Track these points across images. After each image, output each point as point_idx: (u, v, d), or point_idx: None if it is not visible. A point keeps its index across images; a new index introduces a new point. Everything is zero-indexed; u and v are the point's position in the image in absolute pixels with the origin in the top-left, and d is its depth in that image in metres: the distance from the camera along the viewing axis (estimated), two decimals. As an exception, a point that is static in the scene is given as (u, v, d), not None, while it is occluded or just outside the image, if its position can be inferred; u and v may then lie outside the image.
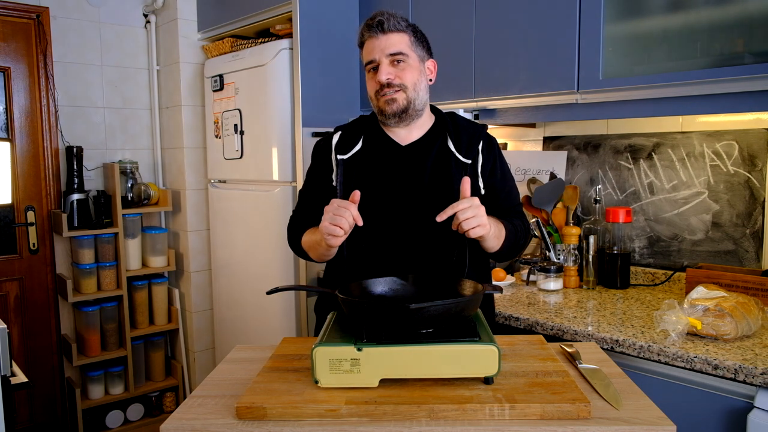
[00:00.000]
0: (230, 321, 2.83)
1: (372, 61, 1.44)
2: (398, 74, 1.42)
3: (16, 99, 2.77)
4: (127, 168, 2.98)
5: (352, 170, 1.45)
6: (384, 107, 1.43)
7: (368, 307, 1.05)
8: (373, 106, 1.48)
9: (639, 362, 1.47)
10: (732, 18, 1.55)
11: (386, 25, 1.41)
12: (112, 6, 3.02)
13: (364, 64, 1.47)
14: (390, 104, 1.42)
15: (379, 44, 1.42)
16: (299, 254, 1.56)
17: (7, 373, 1.39)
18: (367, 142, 1.49)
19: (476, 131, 1.51)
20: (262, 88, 2.47)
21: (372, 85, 1.46)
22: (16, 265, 2.81)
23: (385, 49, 1.41)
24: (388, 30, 1.41)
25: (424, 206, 1.41)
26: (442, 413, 0.92)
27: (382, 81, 1.41)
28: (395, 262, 1.42)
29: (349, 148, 1.48)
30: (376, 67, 1.43)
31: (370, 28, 1.43)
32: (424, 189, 1.43)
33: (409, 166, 1.46)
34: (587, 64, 1.77)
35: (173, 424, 0.95)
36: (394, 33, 1.42)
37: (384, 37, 1.42)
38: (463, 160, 1.46)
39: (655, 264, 2.09)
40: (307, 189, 1.58)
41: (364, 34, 1.45)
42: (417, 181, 1.44)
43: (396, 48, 1.42)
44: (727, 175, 1.90)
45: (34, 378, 2.83)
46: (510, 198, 1.54)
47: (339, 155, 1.47)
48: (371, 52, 1.43)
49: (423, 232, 1.43)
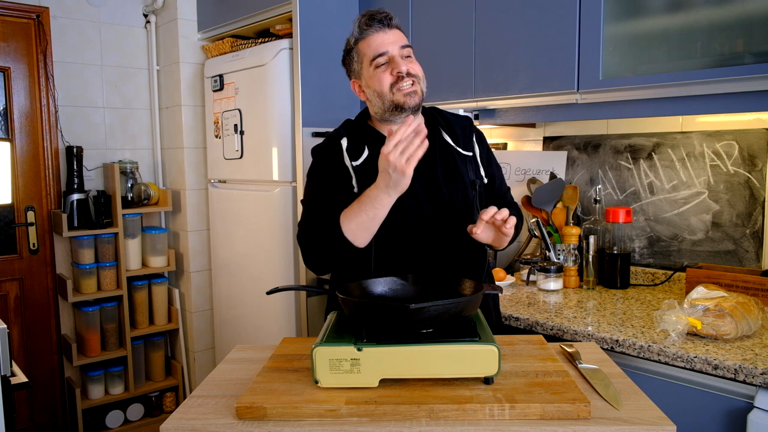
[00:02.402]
0: (230, 321, 2.83)
1: (382, 55, 1.39)
2: (411, 66, 1.41)
3: (16, 99, 2.77)
4: (127, 168, 2.98)
5: (366, 177, 1.40)
6: (405, 100, 1.39)
7: (368, 307, 1.05)
8: (384, 102, 1.41)
9: (639, 362, 1.47)
10: (732, 18, 1.54)
11: (393, 20, 1.41)
12: (112, 6, 3.02)
13: (371, 59, 1.40)
14: (412, 96, 1.39)
15: (388, 38, 1.40)
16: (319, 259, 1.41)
17: (7, 373, 1.39)
18: (371, 147, 1.45)
19: (466, 123, 1.54)
20: (262, 88, 2.47)
21: (386, 78, 1.39)
22: (16, 265, 2.81)
23: (396, 41, 1.40)
24: (393, 25, 1.41)
25: (436, 203, 1.42)
26: (442, 413, 0.92)
27: (403, 71, 1.38)
28: (421, 263, 1.40)
29: (359, 153, 1.44)
30: (386, 61, 1.39)
31: (379, 22, 1.39)
32: (439, 188, 1.43)
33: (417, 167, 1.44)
34: (587, 64, 1.77)
35: (173, 424, 0.95)
36: (396, 29, 1.42)
37: (391, 32, 1.41)
38: (464, 152, 1.48)
39: (655, 264, 2.09)
40: (318, 195, 1.44)
41: (365, 28, 1.40)
42: (430, 182, 1.44)
43: (404, 41, 1.42)
44: (727, 175, 1.90)
45: (34, 378, 2.83)
46: (502, 184, 1.60)
47: (354, 162, 1.42)
48: (381, 45, 1.39)
49: (437, 228, 1.43)
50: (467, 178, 1.46)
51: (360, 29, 1.41)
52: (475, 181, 1.47)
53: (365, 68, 1.43)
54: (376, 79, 1.40)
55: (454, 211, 1.43)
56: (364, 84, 1.45)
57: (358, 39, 1.42)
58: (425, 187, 1.43)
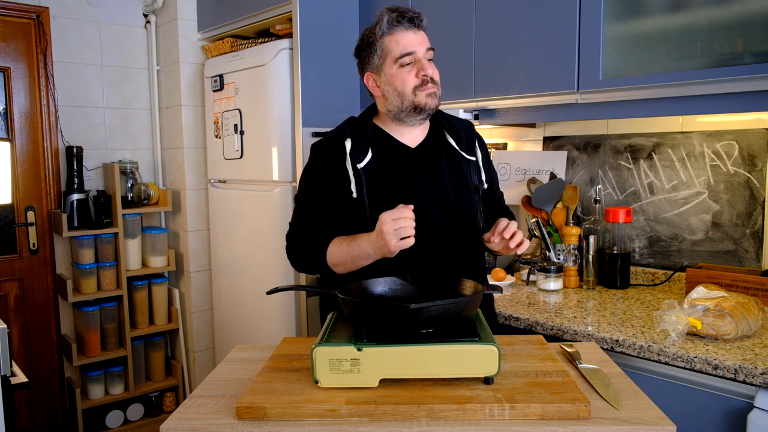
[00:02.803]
0: (230, 321, 2.83)
1: (410, 54, 1.37)
2: (434, 71, 1.41)
3: (16, 99, 2.77)
4: (127, 168, 2.98)
5: (370, 178, 1.40)
6: (427, 102, 1.39)
7: (368, 307, 1.05)
8: (404, 102, 1.40)
9: (639, 362, 1.47)
10: (732, 18, 1.54)
11: (423, 22, 1.40)
12: (112, 6, 3.02)
13: (396, 57, 1.38)
14: (433, 98, 1.40)
15: (416, 38, 1.38)
16: (304, 269, 1.48)
17: (7, 373, 1.39)
18: (376, 147, 1.44)
19: (468, 127, 1.54)
20: (262, 88, 2.47)
21: (411, 79, 1.38)
22: (16, 265, 2.81)
23: (423, 43, 1.39)
24: (422, 27, 1.40)
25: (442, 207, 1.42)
26: (442, 413, 0.92)
27: (429, 74, 1.38)
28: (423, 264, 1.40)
29: (362, 155, 1.41)
30: (412, 61, 1.38)
31: (409, 20, 1.37)
32: (445, 191, 1.43)
33: (425, 169, 1.44)
34: (587, 64, 1.77)
35: (173, 424, 0.95)
36: (423, 31, 1.41)
37: (420, 33, 1.40)
38: (468, 157, 1.49)
39: (655, 264, 2.09)
40: (311, 200, 1.45)
41: (394, 24, 1.37)
42: (437, 185, 1.43)
43: (429, 44, 1.41)
44: (727, 175, 1.90)
45: (34, 378, 2.83)
46: (498, 188, 1.61)
47: (358, 164, 1.40)
48: (410, 44, 1.37)
49: (443, 230, 1.43)
50: (471, 182, 1.47)
51: (389, 24, 1.37)
52: (478, 187, 1.48)
53: (388, 65, 1.40)
54: (400, 78, 1.38)
55: (458, 215, 1.44)
56: (383, 80, 1.41)
57: (385, 33, 1.38)
58: (432, 189, 1.43)
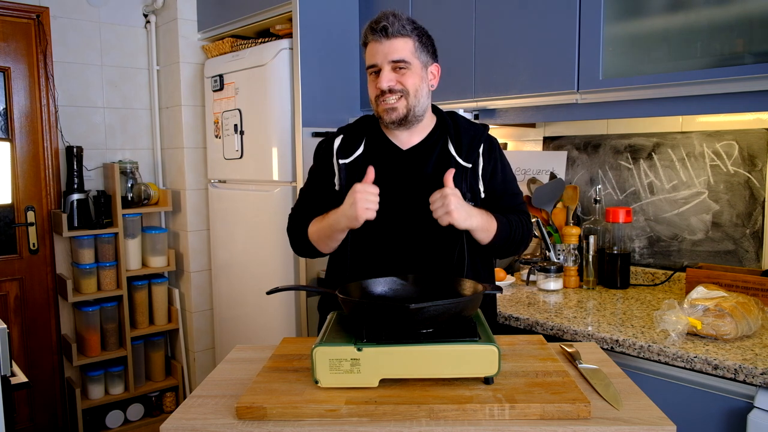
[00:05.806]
0: (230, 321, 2.83)
1: (374, 65, 1.42)
2: (400, 80, 1.40)
3: (16, 99, 2.77)
4: (127, 168, 2.98)
5: (354, 174, 1.44)
6: (383, 115, 1.43)
7: (368, 307, 1.05)
8: (373, 110, 1.47)
9: (639, 362, 1.47)
10: (732, 18, 1.55)
11: (390, 30, 1.38)
12: (112, 6, 3.02)
13: (366, 66, 1.46)
14: (389, 113, 1.41)
15: (381, 49, 1.39)
16: (301, 250, 1.55)
17: (7, 373, 1.39)
18: (369, 145, 1.49)
19: (477, 133, 1.49)
20: (262, 88, 2.47)
21: (372, 89, 1.44)
22: (16, 265, 2.81)
23: (388, 55, 1.39)
24: (392, 35, 1.39)
25: (425, 210, 1.41)
26: (442, 413, 0.92)
27: (383, 88, 1.39)
28: (397, 263, 1.42)
29: (351, 152, 1.47)
30: (378, 71, 1.41)
31: (374, 32, 1.40)
32: (424, 194, 1.42)
33: (409, 170, 1.46)
34: (587, 64, 1.77)
35: (173, 424, 0.95)
36: (398, 38, 1.39)
37: (387, 43, 1.39)
38: (463, 164, 1.45)
39: (655, 264, 2.09)
40: (308, 189, 1.58)
41: (367, 35, 1.42)
42: (417, 186, 1.43)
43: (399, 55, 1.39)
44: (727, 175, 1.90)
45: (34, 378, 2.83)
46: (513, 199, 1.53)
47: (341, 159, 1.47)
48: (374, 56, 1.41)
49: (423, 235, 1.43)
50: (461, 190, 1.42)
51: (365, 36, 1.43)
52: (466, 194, 1.43)
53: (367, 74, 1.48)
54: (369, 87, 1.47)
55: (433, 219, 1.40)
56: None
57: (364, 45, 1.46)
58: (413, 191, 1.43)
